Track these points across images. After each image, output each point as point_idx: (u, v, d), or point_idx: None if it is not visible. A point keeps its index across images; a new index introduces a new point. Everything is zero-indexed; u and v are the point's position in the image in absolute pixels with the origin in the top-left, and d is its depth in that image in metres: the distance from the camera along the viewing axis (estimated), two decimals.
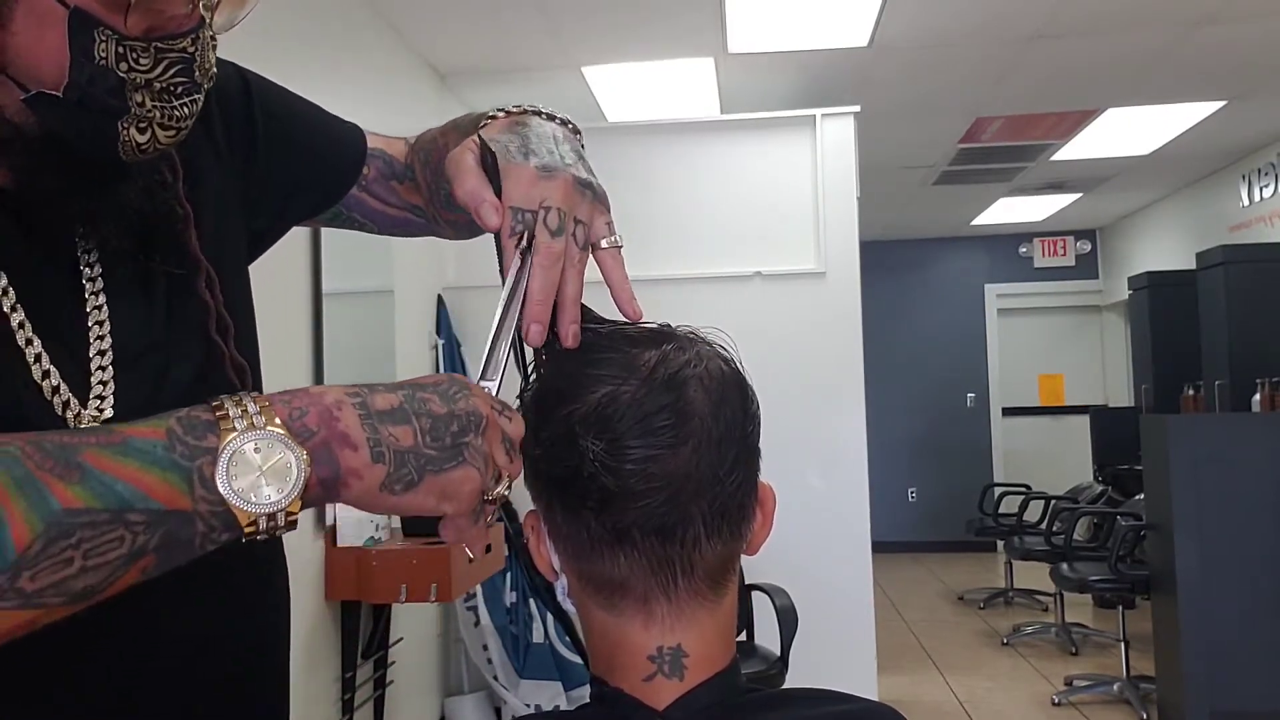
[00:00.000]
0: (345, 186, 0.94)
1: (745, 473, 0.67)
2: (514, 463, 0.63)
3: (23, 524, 0.47)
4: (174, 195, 0.74)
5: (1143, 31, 3.95)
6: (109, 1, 0.60)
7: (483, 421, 0.60)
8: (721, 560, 0.67)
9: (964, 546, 7.86)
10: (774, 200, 4.10)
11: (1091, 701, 4.35)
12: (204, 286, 0.75)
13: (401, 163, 0.96)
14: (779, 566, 3.43)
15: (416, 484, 0.57)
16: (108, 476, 0.50)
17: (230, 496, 0.52)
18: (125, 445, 0.51)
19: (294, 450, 0.53)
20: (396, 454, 0.56)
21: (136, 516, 0.50)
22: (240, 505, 0.52)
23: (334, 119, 0.96)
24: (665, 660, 0.66)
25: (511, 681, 3.67)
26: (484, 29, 3.78)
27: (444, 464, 0.58)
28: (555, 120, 0.77)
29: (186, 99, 0.66)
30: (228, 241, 0.81)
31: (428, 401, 0.59)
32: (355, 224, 0.99)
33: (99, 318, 0.70)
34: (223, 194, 0.82)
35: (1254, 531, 3.55)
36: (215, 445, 0.52)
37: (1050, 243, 8.59)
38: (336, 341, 3.05)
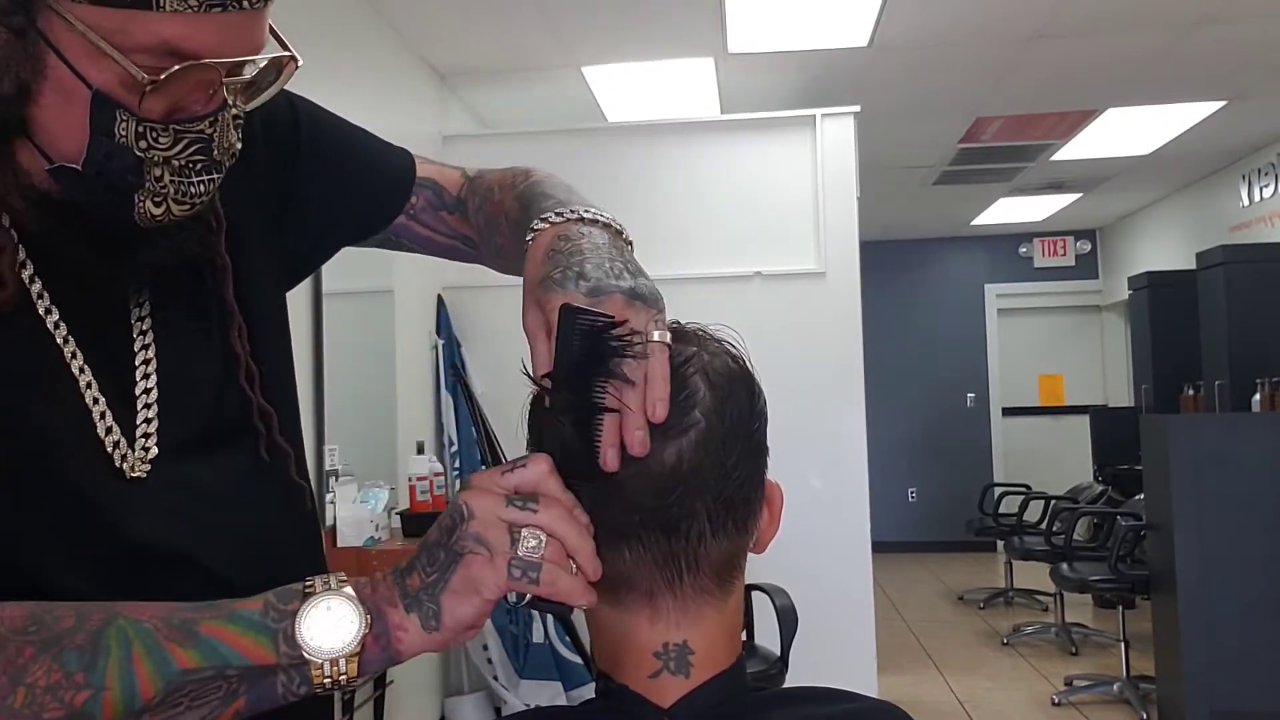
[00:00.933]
0: (389, 217, 0.97)
1: (751, 468, 0.67)
2: (540, 510, 0.62)
3: (150, 684, 0.60)
4: (214, 245, 0.78)
5: (1143, 31, 3.95)
6: (128, 85, 0.63)
7: (464, 510, 0.62)
8: (727, 557, 0.67)
9: (964, 546, 7.86)
10: (774, 200, 4.10)
11: (1091, 701, 4.35)
12: (236, 337, 0.80)
13: (453, 195, 0.98)
14: (779, 566, 3.42)
15: (439, 611, 0.63)
16: (216, 640, 0.61)
17: (303, 645, 0.61)
18: (233, 615, 0.62)
19: (357, 608, 0.62)
20: (414, 599, 0.63)
21: (233, 671, 0.61)
22: (309, 653, 0.61)
23: (384, 147, 0.98)
24: (671, 657, 0.66)
25: (511, 681, 3.67)
26: (484, 29, 3.78)
27: (446, 575, 0.62)
28: (599, 223, 0.75)
29: (204, 177, 0.69)
30: (264, 285, 0.85)
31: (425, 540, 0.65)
32: (403, 248, 1.02)
33: (146, 357, 0.75)
34: (261, 237, 0.85)
35: (1254, 531, 3.54)
36: (298, 609, 0.62)
37: (1050, 243, 8.59)
38: (336, 341, 3.05)
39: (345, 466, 3.08)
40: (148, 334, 0.76)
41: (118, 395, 0.73)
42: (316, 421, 2.96)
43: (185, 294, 0.78)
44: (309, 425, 2.93)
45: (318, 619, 0.62)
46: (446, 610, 0.62)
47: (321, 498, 2.95)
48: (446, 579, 0.62)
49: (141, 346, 0.75)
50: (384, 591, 0.64)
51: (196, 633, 0.61)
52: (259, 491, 0.80)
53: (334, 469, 3.02)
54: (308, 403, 2.94)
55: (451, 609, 0.62)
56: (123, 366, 0.74)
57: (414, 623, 0.63)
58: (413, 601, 0.63)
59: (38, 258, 0.70)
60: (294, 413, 0.88)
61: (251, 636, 0.61)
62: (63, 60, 0.63)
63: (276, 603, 0.62)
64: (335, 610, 0.62)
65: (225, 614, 0.62)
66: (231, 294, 0.80)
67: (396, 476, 3.47)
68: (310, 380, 2.96)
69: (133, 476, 0.72)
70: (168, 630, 0.61)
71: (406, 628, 0.63)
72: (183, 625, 0.61)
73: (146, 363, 0.75)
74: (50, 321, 0.71)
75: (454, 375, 3.96)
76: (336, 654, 0.61)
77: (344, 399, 3.11)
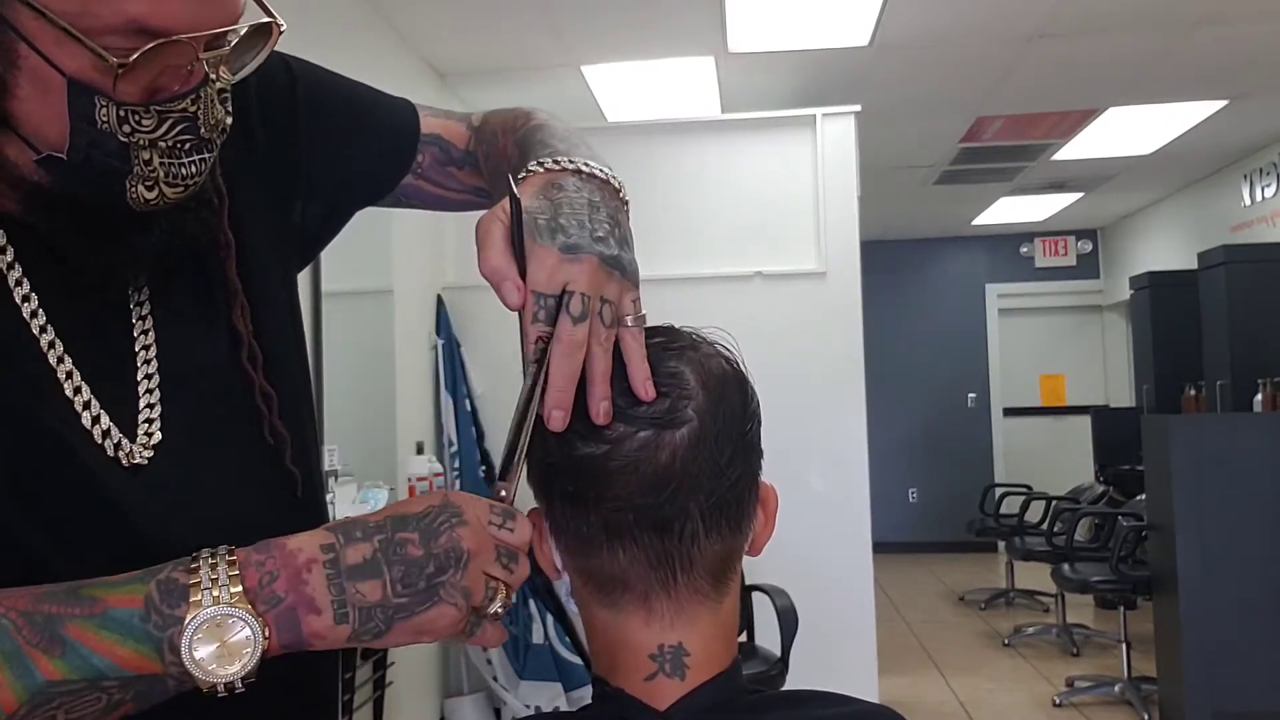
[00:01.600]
0: (395, 179, 0.94)
1: (744, 469, 0.67)
2: (515, 573, 0.62)
3: (10, 693, 0.54)
4: (217, 223, 0.75)
5: (1143, 31, 3.95)
6: (100, 69, 0.61)
7: (464, 557, 0.60)
8: (721, 557, 0.67)
9: (965, 547, 7.85)
10: (774, 200, 4.09)
11: (1093, 702, 4.34)
12: (238, 316, 0.76)
13: (461, 149, 0.95)
14: (779, 567, 3.43)
15: (384, 633, 0.59)
16: (86, 650, 0.55)
17: (192, 667, 0.56)
18: (105, 617, 0.55)
19: (254, 627, 0.56)
20: (362, 610, 0.58)
21: (110, 683, 0.55)
22: (200, 676, 0.56)
23: (385, 102, 0.95)
24: (666, 659, 0.66)
25: (511, 682, 3.66)
26: (484, 29, 3.78)
27: (415, 608, 0.59)
28: (596, 179, 0.72)
29: (194, 156, 0.66)
30: (269, 263, 0.82)
31: (405, 544, 0.59)
32: (415, 206, 0.99)
33: (145, 343, 0.72)
34: (264, 214, 0.82)
35: (1255, 532, 3.54)
36: (184, 613, 0.56)
37: (1051, 242, 8.59)
38: (336, 341, 3.05)
39: (345, 466, 3.08)
40: (147, 319, 0.73)
41: (118, 384, 0.70)
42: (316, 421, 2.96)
43: (187, 277, 0.75)
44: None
45: (207, 637, 0.56)
46: (392, 636, 0.59)
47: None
48: (415, 613, 0.59)
49: (141, 333, 0.73)
50: (309, 591, 0.58)
51: (62, 638, 0.55)
52: (261, 478, 0.77)
53: (334, 469, 3.01)
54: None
55: (397, 637, 0.59)
56: (123, 355, 0.72)
57: (338, 632, 0.58)
58: (359, 613, 0.58)
59: (22, 248, 0.68)
60: (302, 394, 0.84)
61: (131, 646, 0.55)
62: (33, 49, 0.61)
63: (159, 602, 0.56)
64: (227, 629, 0.56)
65: (96, 617, 0.55)
66: (235, 272, 0.77)
67: (396, 477, 3.47)
68: (311, 381, 2.95)
69: (132, 464, 0.69)
70: (30, 631, 0.54)
71: (325, 636, 0.58)
72: (46, 626, 0.55)
73: (146, 348, 0.72)
74: (26, 311, 0.67)
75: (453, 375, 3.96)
76: (228, 678, 0.56)
77: (344, 399, 3.10)
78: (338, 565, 0.59)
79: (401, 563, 0.59)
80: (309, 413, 0.85)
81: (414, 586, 0.59)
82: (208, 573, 0.57)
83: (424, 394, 3.91)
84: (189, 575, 0.57)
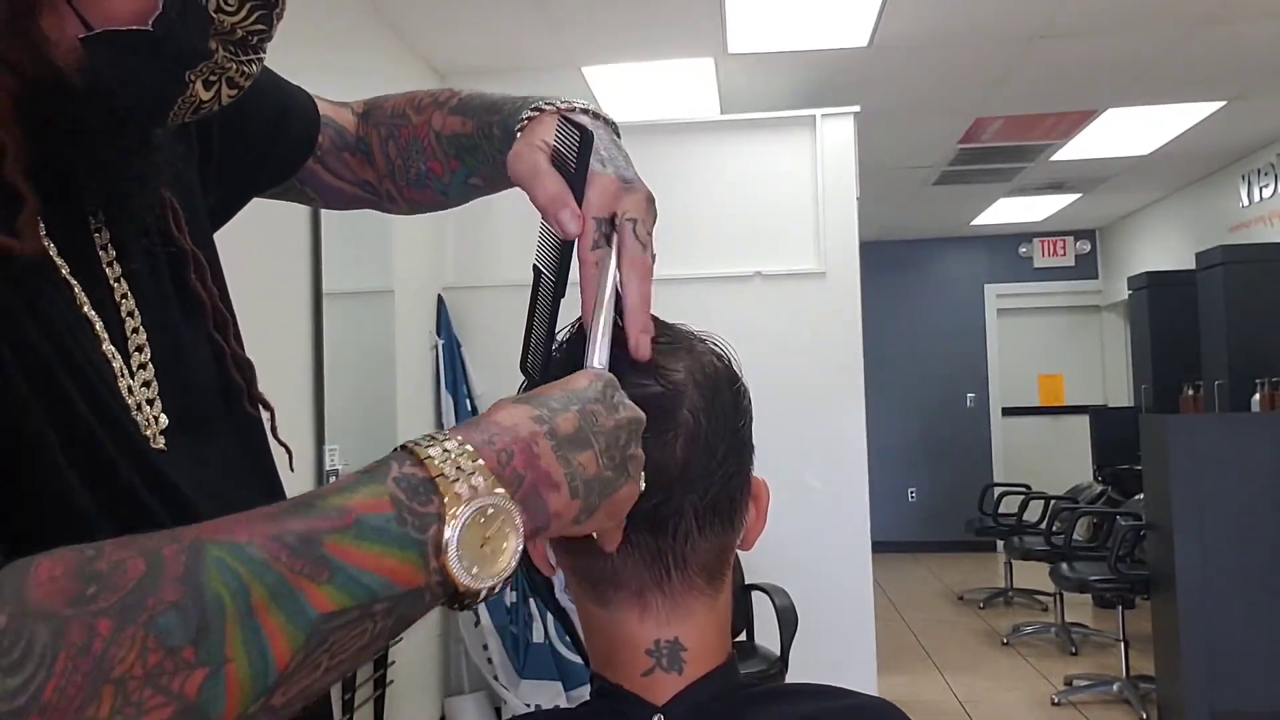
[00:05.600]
0: (302, 158, 0.89)
1: (736, 465, 0.68)
2: None
3: (284, 641, 0.43)
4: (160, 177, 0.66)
5: (1143, 31, 3.95)
6: None
7: (641, 426, 0.58)
8: (714, 553, 0.68)
9: (964, 546, 7.86)
10: (774, 200, 4.10)
11: (1091, 701, 4.35)
12: (195, 279, 0.69)
13: (353, 134, 0.91)
14: (779, 566, 3.44)
15: (595, 511, 0.54)
16: (354, 568, 0.45)
17: (458, 571, 0.47)
18: (360, 526, 0.46)
19: (514, 517, 0.49)
20: (585, 484, 0.53)
21: (381, 605, 0.46)
22: (466, 581, 0.48)
23: (285, 85, 0.88)
24: (663, 654, 0.66)
25: (511, 681, 3.67)
26: (484, 29, 3.78)
27: (616, 484, 0.55)
28: (601, 118, 0.73)
29: (255, 56, 0.60)
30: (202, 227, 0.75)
31: (597, 416, 0.55)
32: (304, 197, 0.93)
33: (129, 308, 0.63)
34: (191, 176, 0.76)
35: (1254, 531, 3.55)
36: (438, 510, 0.47)
37: (1050, 243, 8.59)
38: (336, 341, 3.05)
39: (345, 467, 3.09)
40: (122, 281, 0.63)
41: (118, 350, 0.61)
42: (316, 421, 2.96)
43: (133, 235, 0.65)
44: (309, 425, 2.93)
45: (471, 533, 0.48)
46: (596, 517, 0.54)
47: None
48: (616, 488, 0.55)
49: (122, 295, 0.62)
50: (544, 465, 0.51)
51: (327, 558, 0.44)
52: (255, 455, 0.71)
53: (334, 469, 3.02)
54: (308, 403, 2.94)
55: (599, 520, 0.55)
56: (112, 318, 0.61)
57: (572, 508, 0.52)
58: (584, 487, 0.52)
59: None
60: None
61: (396, 555, 0.46)
62: None
63: (407, 501, 0.47)
64: (490, 524, 0.48)
65: (351, 528, 0.45)
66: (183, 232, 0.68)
67: None
68: (310, 380, 2.96)
69: (156, 449, 0.60)
70: (290, 557, 0.43)
71: (563, 516, 0.52)
72: (303, 547, 0.44)
73: (131, 314, 0.62)
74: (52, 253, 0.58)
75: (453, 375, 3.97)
76: (493, 580, 0.48)
77: (344, 399, 3.11)
78: (556, 436, 0.52)
79: (602, 434, 0.54)
80: None
81: (614, 459, 0.54)
82: (445, 463, 0.48)
83: (424, 394, 3.92)
84: (422, 466, 0.48)
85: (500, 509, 0.49)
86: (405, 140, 0.86)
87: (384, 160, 0.89)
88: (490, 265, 4.10)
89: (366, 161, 0.91)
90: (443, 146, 0.85)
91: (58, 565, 0.40)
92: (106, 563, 0.41)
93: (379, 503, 0.46)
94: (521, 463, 0.51)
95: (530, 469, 0.51)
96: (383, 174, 0.90)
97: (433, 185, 0.87)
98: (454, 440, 0.50)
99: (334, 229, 3.03)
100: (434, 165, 0.85)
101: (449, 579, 0.47)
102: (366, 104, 0.92)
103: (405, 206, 0.92)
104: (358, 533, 0.45)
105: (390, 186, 0.90)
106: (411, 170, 0.87)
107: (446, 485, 0.48)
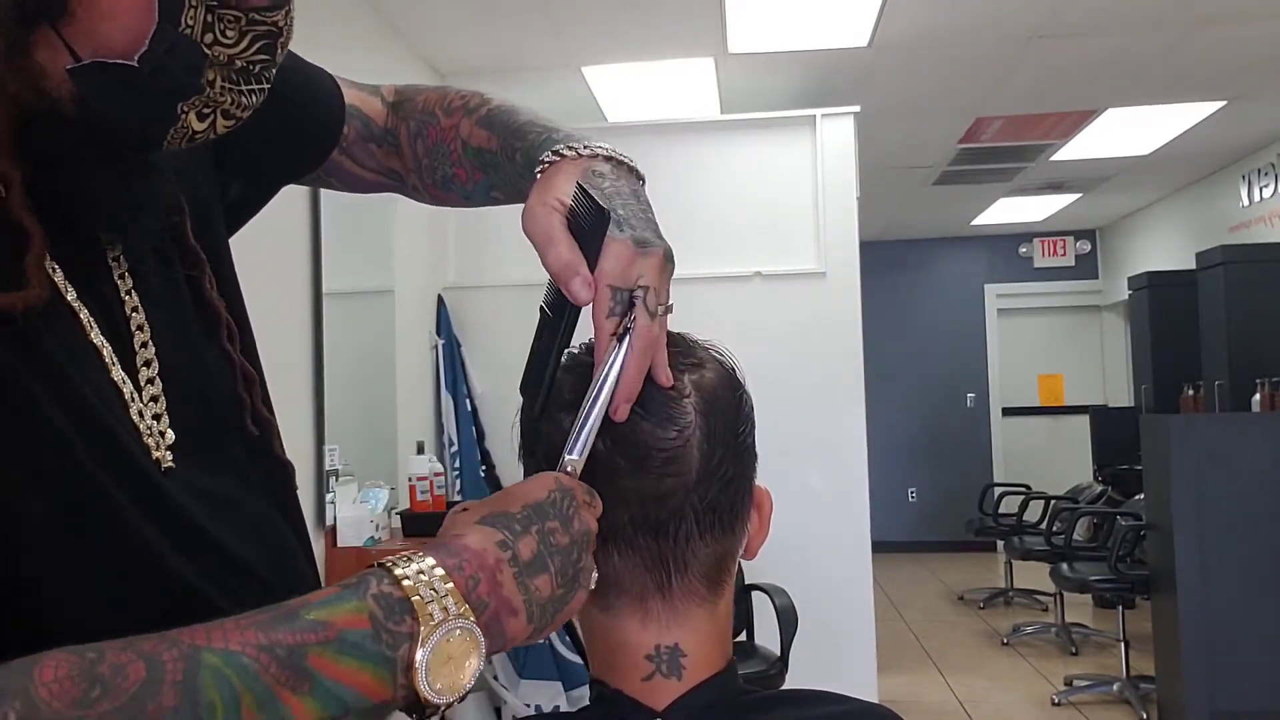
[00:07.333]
0: (327, 151, 0.87)
1: (737, 470, 0.68)
2: None
3: None
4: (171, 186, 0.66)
5: (1143, 31, 3.95)
6: None
7: (591, 538, 0.59)
8: (716, 559, 0.68)
9: (964, 546, 7.86)
10: (774, 200, 4.10)
11: (1091, 701, 4.35)
12: (209, 289, 0.69)
13: (380, 125, 0.90)
14: (779, 566, 3.43)
15: (546, 627, 0.57)
16: (331, 681, 0.48)
17: (424, 688, 0.50)
18: (341, 641, 0.49)
19: (479, 641, 0.52)
20: (540, 607, 0.55)
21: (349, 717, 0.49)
22: (430, 697, 0.51)
23: (311, 69, 0.86)
24: (663, 660, 0.66)
25: (511, 681, 3.67)
26: (484, 29, 3.78)
27: (568, 599, 0.57)
28: (623, 165, 0.71)
29: (258, 86, 0.59)
30: (216, 233, 0.75)
31: (554, 534, 0.57)
32: (329, 185, 0.93)
33: (139, 322, 0.63)
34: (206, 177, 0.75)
35: (1254, 531, 3.55)
36: (411, 630, 0.50)
37: (1050, 243, 8.59)
38: (336, 341, 3.05)
39: (345, 466, 3.09)
40: (133, 294, 0.63)
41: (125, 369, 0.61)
42: (316, 421, 2.96)
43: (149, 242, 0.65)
44: (310, 425, 2.93)
45: (438, 653, 0.51)
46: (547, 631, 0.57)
47: (321, 498, 2.96)
48: (567, 603, 0.57)
49: (132, 309, 0.62)
50: (506, 593, 0.54)
51: (309, 670, 0.47)
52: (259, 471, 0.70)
53: (334, 469, 3.02)
54: (308, 403, 2.94)
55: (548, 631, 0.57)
56: (121, 334, 0.62)
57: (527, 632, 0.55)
58: (539, 610, 0.55)
59: None
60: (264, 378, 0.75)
61: (370, 671, 0.49)
62: None
63: (384, 619, 0.50)
64: (457, 646, 0.51)
65: (333, 642, 0.48)
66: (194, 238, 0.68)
67: (396, 476, 3.47)
68: (310, 380, 2.96)
69: (166, 468, 0.60)
70: (277, 668, 0.46)
71: (518, 638, 0.55)
72: (290, 660, 0.47)
73: (140, 328, 0.62)
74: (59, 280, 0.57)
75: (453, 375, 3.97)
76: (454, 695, 0.51)
77: (344, 399, 3.11)
78: (518, 562, 0.55)
79: (558, 553, 0.56)
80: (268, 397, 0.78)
81: (568, 576, 0.57)
82: (422, 587, 0.51)
83: (424, 394, 3.92)
84: (398, 585, 0.51)
85: (466, 632, 0.52)
86: (433, 141, 0.85)
87: (412, 156, 0.88)
88: (490, 265, 4.10)
89: (394, 152, 0.90)
90: (468, 156, 0.83)
91: (61, 666, 0.42)
92: (108, 666, 0.43)
93: (359, 619, 0.50)
94: (486, 589, 0.53)
95: (493, 596, 0.54)
96: (410, 168, 0.89)
97: (456, 190, 0.87)
98: (427, 561, 0.52)
99: (334, 229, 3.03)
100: (459, 171, 0.85)
101: (414, 694, 0.50)
102: (398, 93, 0.91)
103: (429, 200, 0.92)
104: (339, 647, 0.48)
105: (417, 181, 0.90)
106: (438, 172, 0.86)
107: (421, 606, 0.51)
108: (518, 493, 0.58)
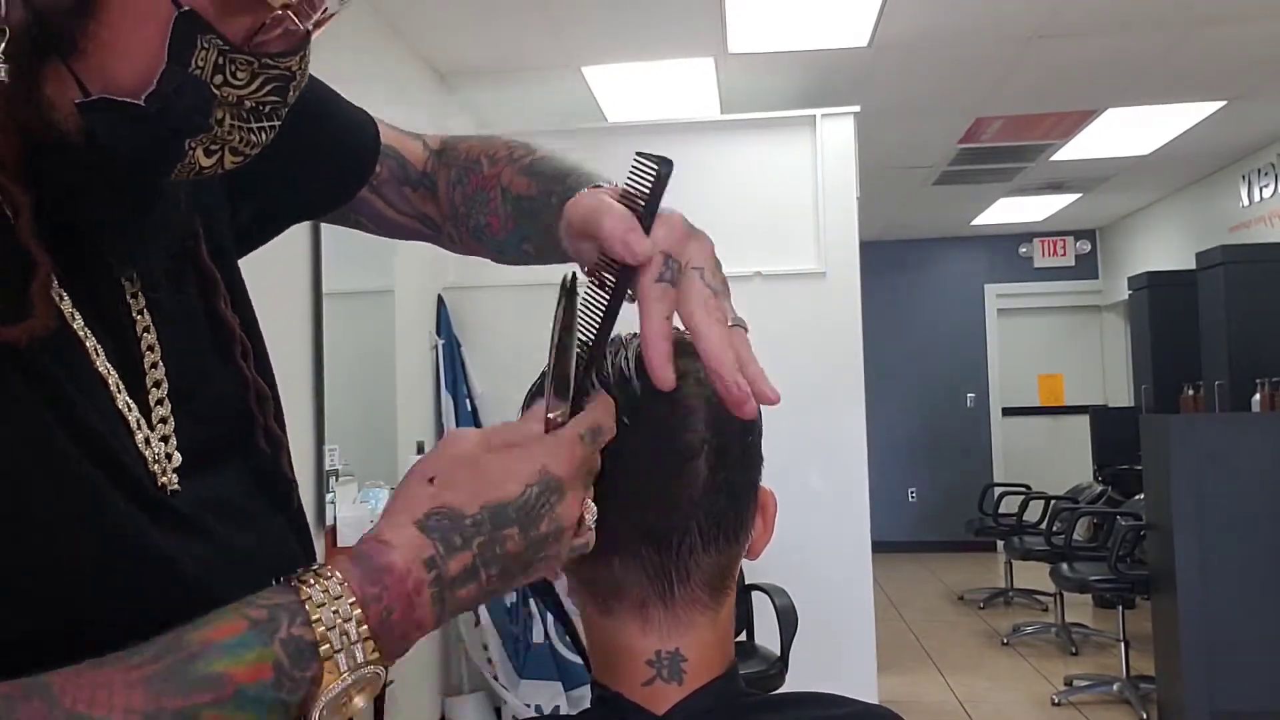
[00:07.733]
0: (353, 189, 0.87)
1: (744, 481, 0.67)
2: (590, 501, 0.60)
3: None
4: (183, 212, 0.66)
5: (1143, 31, 3.95)
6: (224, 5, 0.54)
7: (563, 532, 0.57)
8: (719, 568, 0.67)
9: (964, 546, 7.86)
10: (774, 200, 4.10)
11: (1091, 701, 4.35)
12: (223, 306, 0.68)
13: (418, 169, 0.88)
14: (779, 566, 3.43)
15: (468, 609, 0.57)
16: None
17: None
18: (239, 698, 0.47)
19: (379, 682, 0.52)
20: (454, 609, 0.55)
21: None
22: None
23: (347, 107, 0.87)
24: (664, 665, 0.66)
25: (511, 681, 3.67)
26: (484, 29, 3.78)
27: (508, 588, 0.57)
28: None
29: (268, 124, 0.59)
30: (229, 252, 0.75)
31: (505, 541, 0.55)
32: (358, 225, 0.92)
33: (150, 342, 0.63)
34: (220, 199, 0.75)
35: (1254, 531, 3.55)
36: (315, 675, 0.49)
37: (1050, 243, 8.59)
38: (336, 341, 3.05)
39: (345, 466, 3.09)
40: (145, 314, 0.63)
41: (136, 393, 0.60)
42: (316, 421, 2.96)
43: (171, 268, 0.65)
44: (309, 425, 2.93)
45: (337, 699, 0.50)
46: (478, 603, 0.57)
47: (321, 498, 2.96)
48: (503, 592, 0.56)
49: (143, 329, 0.63)
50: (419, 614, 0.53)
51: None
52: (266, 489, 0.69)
53: (334, 469, 3.02)
54: (308, 403, 2.94)
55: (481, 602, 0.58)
56: (131, 356, 0.61)
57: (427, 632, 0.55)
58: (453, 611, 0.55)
59: None
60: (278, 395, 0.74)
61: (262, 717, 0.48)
62: None
63: (289, 667, 0.49)
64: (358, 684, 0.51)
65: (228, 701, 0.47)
66: (209, 260, 0.68)
67: (396, 476, 3.47)
68: (310, 380, 2.96)
69: (173, 491, 0.60)
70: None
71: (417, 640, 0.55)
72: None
73: (151, 349, 0.62)
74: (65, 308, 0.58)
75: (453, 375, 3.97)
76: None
77: (344, 399, 3.11)
78: (441, 581, 0.54)
79: (498, 561, 0.55)
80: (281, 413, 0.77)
81: (510, 575, 0.56)
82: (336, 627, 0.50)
83: (424, 394, 3.92)
84: (310, 628, 0.50)
85: (369, 679, 0.51)
86: (473, 189, 0.84)
87: (449, 204, 0.87)
88: (490, 265, 4.03)
89: (429, 197, 0.88)
90: (506, 204, 0.82)
91: None
92: None
93: (262, 669, 0.48)
94: (400, 615, 0.52)
95: (405, 618, 0.53)
96: (446, 214, 0.88)
97: (488, 241, 0.85)
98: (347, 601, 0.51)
99: (334, 229, 3.02)
100: (493, 220, 0.83)
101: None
102: (443, 141, 0.90)
103: (463, 250, 0.91)
104: (236, 703, 0.47)
105: (452, 229, 0.88)
106: (472, 221, 0.85)
107: (329, 653, 0.50)
108: (493, 477, 0.56)
